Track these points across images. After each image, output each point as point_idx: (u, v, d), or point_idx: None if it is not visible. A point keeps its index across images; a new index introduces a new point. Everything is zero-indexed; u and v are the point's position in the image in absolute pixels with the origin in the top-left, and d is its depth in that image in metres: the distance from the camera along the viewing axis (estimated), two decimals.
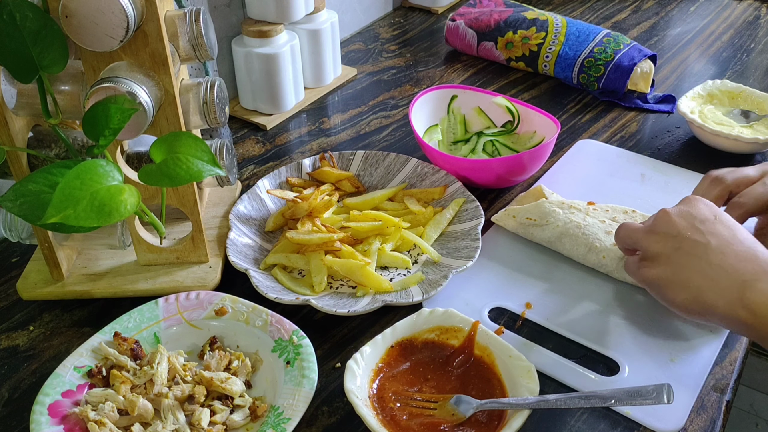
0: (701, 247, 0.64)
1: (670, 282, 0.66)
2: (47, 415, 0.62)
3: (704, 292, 0.63)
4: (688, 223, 0.66)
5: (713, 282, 0.62)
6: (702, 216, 0.66)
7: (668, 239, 0.66)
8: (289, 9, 1.03)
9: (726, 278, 0.62)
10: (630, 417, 0.65)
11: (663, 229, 0.67)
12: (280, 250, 0.81)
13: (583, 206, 0.83)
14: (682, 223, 0.66)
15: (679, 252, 0.65)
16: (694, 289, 0.64)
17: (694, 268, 0.64)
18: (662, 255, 0.66)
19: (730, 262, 0.62)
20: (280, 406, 0.64)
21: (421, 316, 0.69)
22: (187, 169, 0.63)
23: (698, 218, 0.66)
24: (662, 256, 0.66)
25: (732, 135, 0.96)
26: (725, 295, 0.61)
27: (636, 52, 1.11)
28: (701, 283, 0.63)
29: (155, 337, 0.71)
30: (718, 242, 0.64)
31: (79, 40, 0.62)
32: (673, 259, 0.65)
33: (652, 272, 0.67)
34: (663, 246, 0.66)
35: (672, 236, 0.66)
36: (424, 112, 0.99)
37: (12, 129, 0.68)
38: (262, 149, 1.04)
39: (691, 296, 0.64)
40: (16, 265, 0.84)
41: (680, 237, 0.66)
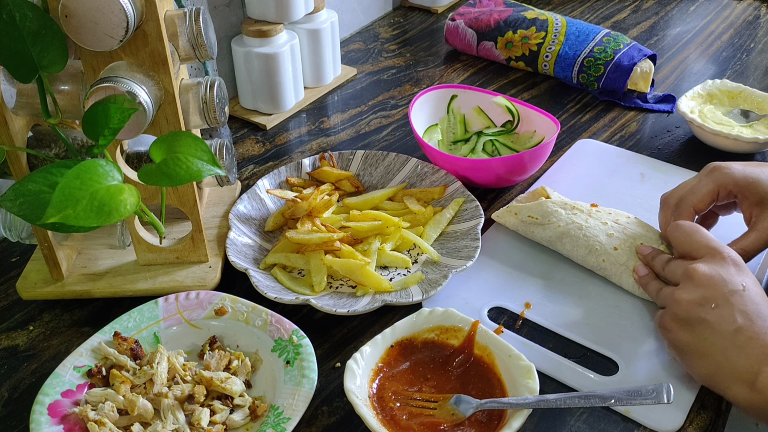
0: (728, 325, 0.62)
1: (692, 351, 0.64)
2: (47, 414, 0.62)
3: (722, 370, 0.62)
4: (718, 291, 0.63)
5: (732, 363, 0.61)
6: (733, 285, 0.64)
7: (697, 305, 0.64)
8: (289, 9, 1.03)
9: (743, 362, 0.61)
10: (630, 416, 0.65)
11: (694, 293, 0.65)
12: (280, 250, 0.81)
13: (586, 208, 0.83)
14: (714, 290, 0.64)
15: (704, 325, 0.63)
16: (714, 365, 0.63)
17: (716, 345, 0.62)
18: (687, 320, 0.65)
19: (750, 346, 0.61)
20: (279, 405, 0.64)
21: (421, 316, 0.69)
22: (187, 168, 0.63)
23: (730, 287, 0.63)
24: (687, 322, 0.65)
25: (732, 135, 0.96)
26: (740, 378, 0.61)
27: (636, 52, 1.11)
28: (721, 362, 0.62)
29: (155, 336, 0.71)
30: (744, 322, 0.62)
31: (79, 39, 0.62)
32: (697, 330, 0.64)
33: (675, 335, 0.66)
34: (690, 311, 0.64)
35: (701, 302, 0.64)
36: (423, 112, 0.99)
37: (12, 129, 0.68)
38: (262, 149, 1.04)
39: (709, 371, 0.63)
40: (15, 265, 0.84)
41: (709, 309, 0.63)
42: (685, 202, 0.76)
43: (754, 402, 0.60)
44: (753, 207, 0.74)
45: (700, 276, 0.65)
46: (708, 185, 0.75)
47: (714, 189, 0.75)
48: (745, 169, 0.75)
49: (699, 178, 0.77)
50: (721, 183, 0.75)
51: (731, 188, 0.75)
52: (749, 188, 0.74)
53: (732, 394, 0.62)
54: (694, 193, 0.76)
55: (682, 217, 0.76)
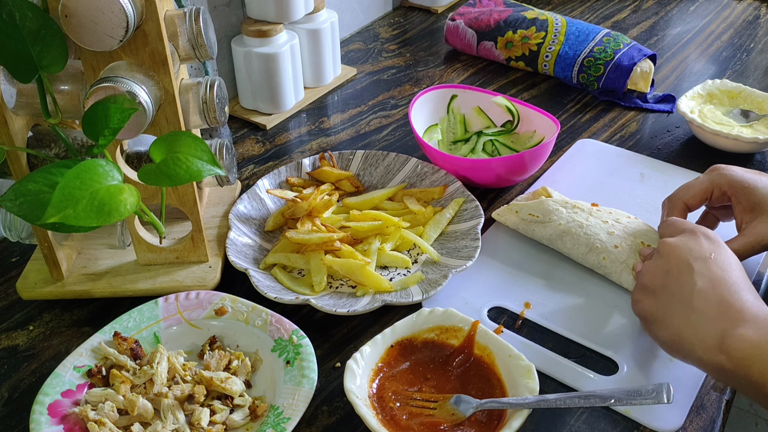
0: (687, 288, 0.62)
1: (654, 318, 0.65)
2: (47, 414, 0.62)
3: (684, 336, 0.61)
4: (683, 259, 0.64)
5: (693, 328, 0.61)
6: (699, 252, 0.64)
7: (660, 273, 0.65)
8: (289, 8, 1.03)
9: (705, 326, 0.60)
10: (629, 416, 0.65)
11: (659, 263, 0.66)
12: (280, 250, 0.81)
13: (587, 207, 0.83)
14: (677, 257, 0.65)
15: (664, 290, 0.64)
16: (675, 330, 0.62)
17: (676, 309, 0.63)
18: (650, 289, 0.66)
19: (712, 310, 0.60)
20: (279, 405, 0.64)
21: (421, 316, 0.69)
22: (187, 168, 0.63)
23: (694, 254, 0.64)
24: (650, 290, 0.66)
25: (732, 135, 0.96)
26: (704, 343, 0.60)
27: (636, 52, 1.11)
28: (681, 327, 0.62)
29: (155, 336, 0.71)
30: (705, 285, 0.62)
31: (79, 39, 0.62)
32: (659, 295, 0.65)
33: (641, 305, 0.67)
34: (654, 279, 0.65)
35: (663, 271, 0.65)
36: (423, 112, 0.99)
37: (12, 129, 0.68)
38: (262, 149, 1.04)
39: (671, 337, 0.63)
40: (15, 265, 0.84)
41: (669, 273, 0.64)
42: (677, 196, 0.77)
43: (722, 364, 0.58)
44: (745, 212, 0.74)
45: (666, 246, 0.66)
46: (703, 183, 0.76)
47: (708, 187, 0.76)
48: (744, 173, 0.75)
49: (697, 177, 0.78)
50: (715, 182, 0.75)
51: (725, 189, 0.75)
52: (743, 192, 0.74)
53: (696, 358, 0.61)
54: (687, 189, 0.76)
55: (674, 211, 0.76)
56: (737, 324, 0.59)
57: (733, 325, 0.59)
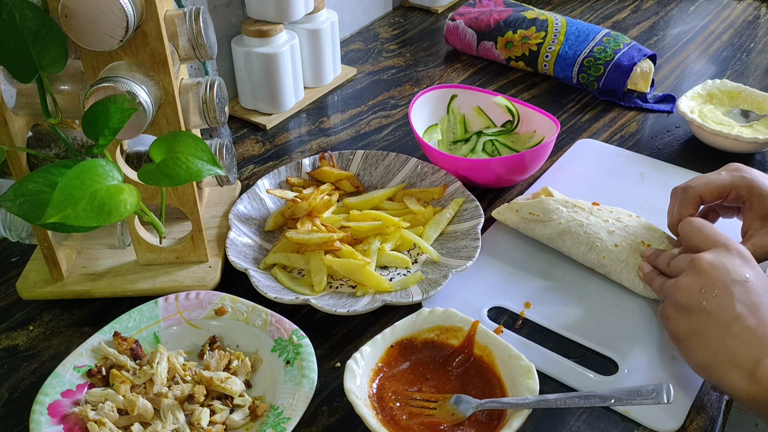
0: (726, 313, 0.61)
1: (690, 338, 0.63)
2: (47, 414, 0.62)
3: (719, 360, 0.61)
4: (721, 281, 0.63)
5: (729, 353, 0.60)
6: (737, 274, 0.63)
7: (697, 292, 0.63)
8: (289, 8, 1.03)
9: (742, 352, 0.60)
10: (629, 416, 0.65)
11: (695, 280, 0.64)
12: (280, 250, 0.81)
13: (588, 206, 0.83)
14: (715, 277, 0.63)
15: (702, 312, 0.63)
16: (710, 353, 0.62)
17: (714, 333, 0.61)
18: (684, 307, 0.64)
19: (750, 337, 0.60)
20: (279, 405, 0.64)
21: (421, 316, 0.69)
22: (187, 168, 0.63)
23: (733, 276, 0.63)
24: (684, 308, 0.64)
25: (732, 135, 0.96)
26: (739, 369, 0.60)
27: (636, 52, 1.11)
28: (718, 350, 0.61)
29: (155, 336, 0.71)
30: (744, 311, 0.61)
31: (79, 39, 0.62)
32: (696, 317, 0.63)
33: (674, 322, 0.65)
34: (690, 297, 0.64)
35: (701, 290, 0.63)
36: (423, 112, 0.99)
37: (12, 128, 0.68)
38: (262, 149, 1.04)
39: (705, 360, 0.62)
40: (15, 265, 0.84)
41: (707, 294, 0.63)
42: (693, 189, 0.75)
43: (753, 393, 0.59)
44: (755, 219, 0.73)
45: (703, 264, 0.65)
46: (724, 180, 0.74)
47: (728, 186, 0.74)
48: (765, 180, 0.74)
49: (717, 172, 0.76)
50: (736, 183, 0.74)
51: (743, 192, 0.74)
52: (759, 199, 0.73)
53: (729, 384, 0.61)
54: (707, 184, 0.75)
55: (687, 203, 0.75)
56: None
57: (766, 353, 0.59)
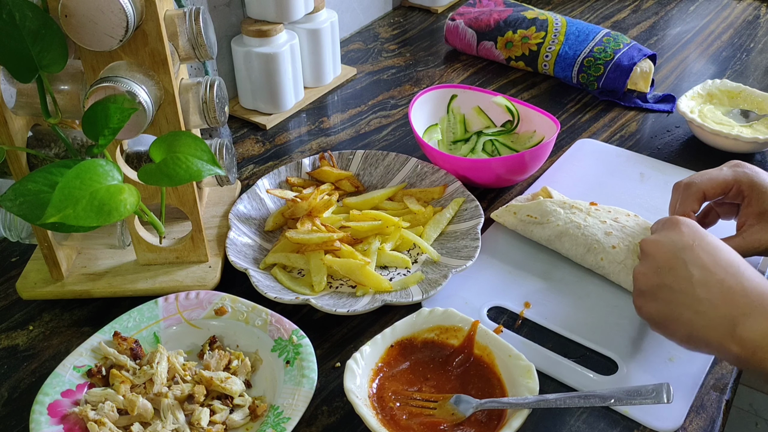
0: (684, 281, 0.62)
1: (664, 318, 0.64)
2: (47, 414, 0.62)
3: (696, 327, 0.61)
4: (670, 253, 0.64)
5: (704, 317, 0.61)
6: (682, 242, 0.64)
7: (652, 274, 0.65)
8: (289, 8, 1.03)
9: (715, 313, 0.60)
10: (629, 416, 0.65)
11: (648, 263, 0.65)
12: (280, 250, 0.81)
13: (585, 206, 0.83)
14: (663, 253, 0.64)
15: (664, 288, 0.63)
16: (687, 324, 0.62)
17: (682, 304, 0.62)
18: (649, 291, 0.65)
19: (717, 296, 0.60)
20: (279, 405, 0.64)
21: (421, 316, 0.69)
22: (187, 168, 0.63)
23: (678, 245, 0.64)
24: (650, 293, 0.65)
25: (732, 134, 0.96)
26: (717, 330, 0.60)
27: (636, 52, 1.11)
28: (692, 319, 0.61)
29: (155, 336, 0.71)
30: (701, 273, 0.61)
31: (79, 39, 0.62)
32: (660, 295, 0.64)
33: (645, 309, 0.66)
34: (648, 281, 0.65)
35: (656, 270, 0.64)
36: (423, 112, 0.99)
37: (11, 128, 0.68)
38: (262, 149, 1.04)
39: (686, 332, 0.62)
40: (15, 265, 0.84)
41: (663, 270, 0.64)
42: (696, 185, 0.75)
43: (737, 354, 0.59)
44: (751, 216, 0.74)
45: (648, 245, 0.66)
46: (726, 176, 0.75)
47: (731, 181, 0.74)
48: (766, 177, 0.74)
49: (720, 168, 0.76)
50: (739, 179, 0.74)
51: (744, 188, 0.74)
52: (759, 196, 0.73)
53: (714, 347, 0.61)
54: (710, 180, 0.75)
55: (691, 199, 0.75)
56: (745, 311, 0.59)
57: (741, 312, 0.59)
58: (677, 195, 0.77)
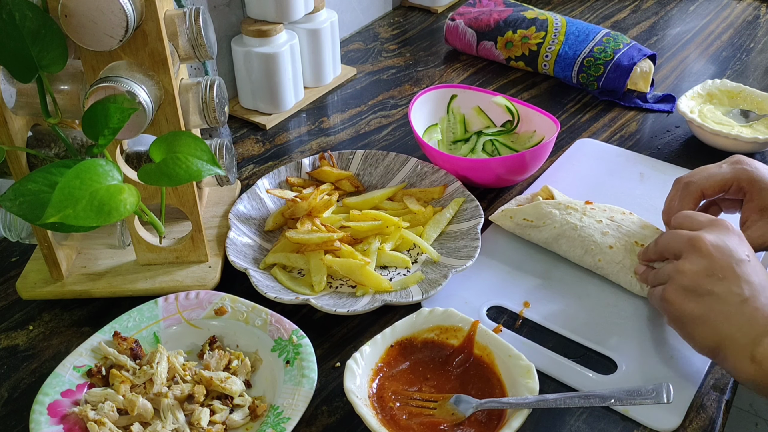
0: (736, 296, 0.61)
1: (698, 321, 0.63)
2: (47, 414, 0.62)
3: (727, 342, 0.61)
4: (725, 261, 0.63)
5: (737, 334, 0.60)
6: (738, 254, 0.63)
7: (704, 275, 0.63)
8: (289, 8, 1.03)
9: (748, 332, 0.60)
10: (628, 416, 0.65)
11: (700, 262, 0.64)
12: (280, 250, 0.81)
13: (581, 206, 0.83)
14: (719, 259, 0.63)
15: (712, 296, 0.62)
16: (719, 336, 0.62)
17: (723, 316, 0.61)
18: (694, 291, 0.64)
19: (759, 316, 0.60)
20: (279, 405, 0.64)
21: (421, 316, 0.69)
22: (187, 168, 0.63)
23: (735, 256, 0.63)
24: (694, 292, 0.64)
25: (731, 134, 0.96)
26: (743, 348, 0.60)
27: (635, 52, 1.11)
28: (727, 333, 0.61)
29: (155, 336, 0.71)
30: (752, 293, 0.61)
31: (79, 39, 0.62)
32: (705, 299, 0.63)
33: (679, 305, 0.64)
34: (697, 281, 0.63)
35: (708, 272, 0.63)
36: (423, 112, 0.99)
37: (11, 128, 0.68)
38: (262, 149, 1.04)
39: (714, 342, 0.62)
40: (15, 265, 0.84)
41: (715, 277, 0.62)
42: (695, 183, 0.75)
43: (753, 374, 0.59)
44: (753, 211, 0.74)
45: (706, 245, 0.64)
46: (725, 173, 0.74)
47: (729, 179, 0.74)
48: (766, 172, 0.74)
49: (719, 165, 0.76)
50: (738, 176, 0.74)
51: (744, 184, 0.74)
52: (759, 192, 0.73)
53: (731, 365, 0.61)
54: (708, 177, 0.74)
55: (689, 198, 0.75)
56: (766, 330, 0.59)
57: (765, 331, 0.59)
58: (676, 191, 0.77)
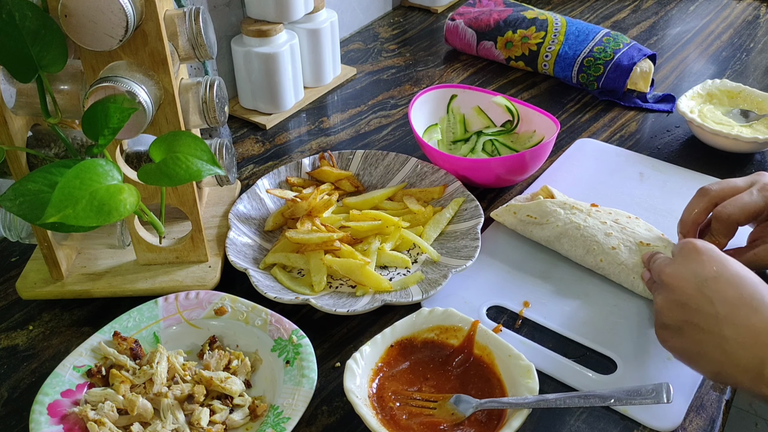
0: (711, 319, 0.60)
1: (691, 355, 0.62)
2: (47, 414, 0.62)
3: (725, 367, 0.59)
4: (692, 287, 0.62)
5: (732, 358, 0.59)
6: (704, 274, 0.62)
7: (677, 309, 0.62)
8: (289, 8, 1.03)
9: (744, 354, 0.58)
10: (628, 415, 0.65)
11: (670, 296, 0.63)
12: (280, 250, 0.81)
13: (586, 207, 0.83)
14: (686, 287, 0.62)
15: (690, 326, 0.61)
16: (715, 363, 0.60)
17: (709, 343, 0.60)
18: (674, 327, 0.63)
19: (744, 336, 0.58)
20: (279, 405, 0.64)
21: (421, 316, 0.69)
22: (187, 168, 0.63)
23: (701, 277, 0.61)
24: (675, 328, 0.63)
25: (731, 134, 0.96)
26: (747, 372, 0.58)
27: (635, 52, 1.11)
28: (720, 359, 0.59)
29: (155, 336, 0.71)
30: (727, 310, 0.59)
31: (79, 39, 0.62)
32: (686, 333, 0.62)
33: (670, 343, 0.64)
34: (673, 316, 0.63)
35: (680, 305, 0.62)
36: (423, 112, 0.99)
37: (11, 128, 0.68)
38: (262, 149, 1.04)
39: (714, 370, 0.61)
40: (15, 265, 0.84)
41: (688, 308, 0.61)
42: (732, 218, 0.72)
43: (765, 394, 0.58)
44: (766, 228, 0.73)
45: (668, 277, 0.64)
46: (758, 203, 0.72)
47: (762, 208, 0.72)
48: None
49: (747, 188, 0.73)
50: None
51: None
52: None
53: (743, 386, 0.60)
54: (743, 211, 0.72)
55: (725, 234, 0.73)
56: None
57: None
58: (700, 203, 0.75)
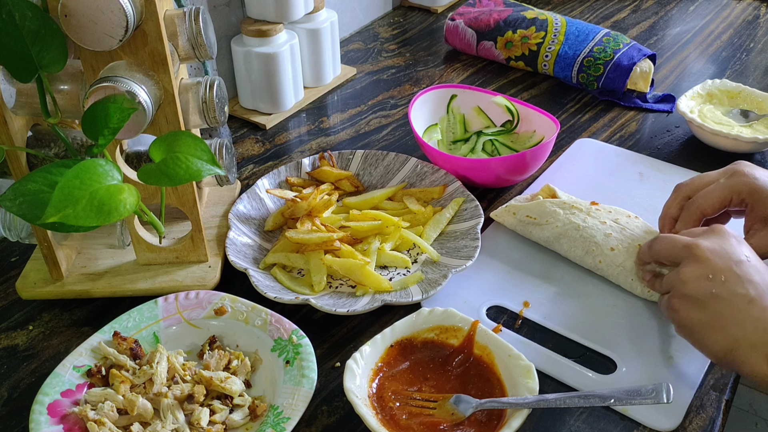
0: (741, 298, 0.61)
1: (705, 328, 0.62)
2: (46, 414, 0.62)
3: (740, 344, 0.60)
4: (724, 264, 0.62)
5: (751, 337, 0.60)
6: (737, 256, 0.63)
7: (705, 280, 0.63)
8: (289, 8, 1.03)
9: (762, 333, 0.59)
10: (628, 415, 0.65)
11: (700, 268, 0.63)
12: (280, 250, 0.81)
13: (585, 206, 0.83)
14: (718, 262, 0.63)
15: (715, 300, 0.62)
16: (730, 340, 0.61)
17: (732, 319, 0.61)
18: (698, 298, 0.63)
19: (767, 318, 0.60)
20: (279, 405, 0.64)
21: (421, 316, 0.69)
22: (187, 168, 0.63)
23: (734, 258, 0.63)
24: (697, 300, 0.63)
25: (731, 134, 0.96)
26: (759, 351, 0.59)
27: (635, 52, 1.11)
28: (738, 335, 0.60)
29: (155, 336, 0.71)
30: (757, 293, 0.61)
31: (79, 39, 0.62)
32: (709, 305, 0.62)
33: (685, 314, 0.64)
34: (700, 288, 0.63)
35: (708, 277, 0.62)
36: (423, 112, 0.99)
37: (11, 128, 0.68)
38: (262, 149, 1.04)
39: (726, 347, 0.61)
40: (15, 265, 0.84)
41: (717, 281, 0.62)
42: (695, 205, 0.74)
43: None
44: (757, 220, 0.73)
45: (703, 251, 0.64)
46: (722, 191, 0.73)
47: (727, 196, 0.73)
48: (766, 179, 0.72)
49: (717, 180, 0.74)
50: (736, 189, 0.73)
51: (744, 196, 0.72)
52: (761, 201, 0.72)
53: (748, 369, 0.60)
54: (705, 198, 0.73)
55: (690, 221, 0.74)
56: None
57: None
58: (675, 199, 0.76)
